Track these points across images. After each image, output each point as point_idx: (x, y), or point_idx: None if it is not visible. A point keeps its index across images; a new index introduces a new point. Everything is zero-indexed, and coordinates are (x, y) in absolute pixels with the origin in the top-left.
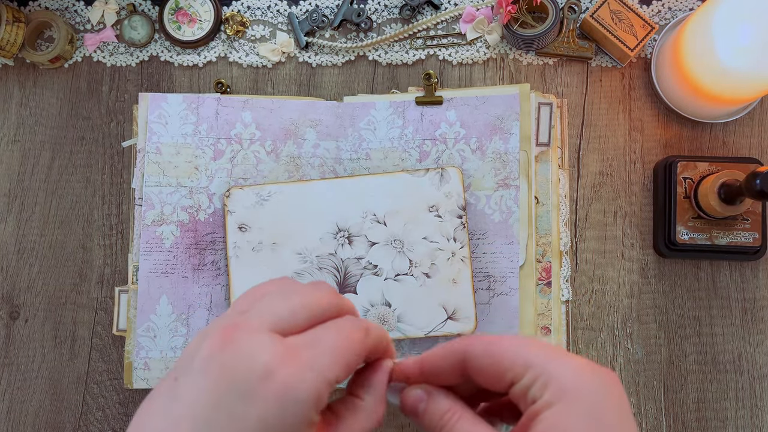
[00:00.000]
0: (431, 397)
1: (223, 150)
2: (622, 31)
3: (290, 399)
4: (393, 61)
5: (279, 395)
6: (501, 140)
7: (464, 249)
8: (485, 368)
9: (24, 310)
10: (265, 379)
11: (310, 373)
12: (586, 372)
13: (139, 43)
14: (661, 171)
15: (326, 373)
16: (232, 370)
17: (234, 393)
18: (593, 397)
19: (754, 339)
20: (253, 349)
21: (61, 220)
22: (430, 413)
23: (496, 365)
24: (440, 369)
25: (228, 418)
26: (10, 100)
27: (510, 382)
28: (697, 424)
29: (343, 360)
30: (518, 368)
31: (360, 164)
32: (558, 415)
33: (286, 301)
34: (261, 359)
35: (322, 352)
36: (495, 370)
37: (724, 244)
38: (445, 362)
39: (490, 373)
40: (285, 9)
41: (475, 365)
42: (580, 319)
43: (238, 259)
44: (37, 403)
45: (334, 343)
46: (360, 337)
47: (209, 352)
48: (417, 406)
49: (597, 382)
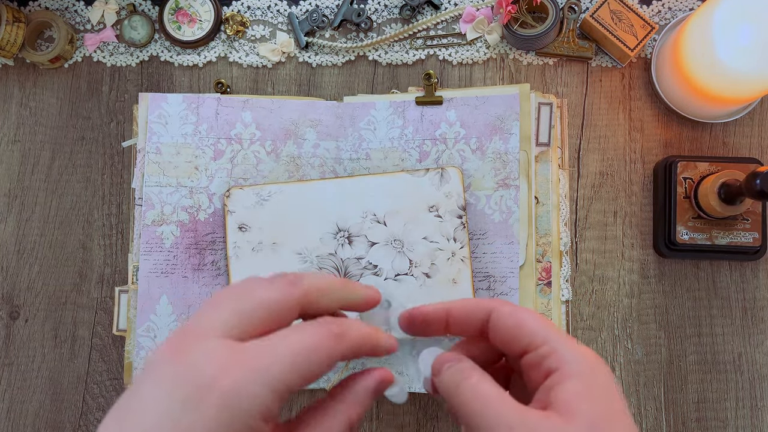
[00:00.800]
0: (459, 361)
1: (223, 150)
2: (622, 31)
3: (233, 409)
4: (393, 61)
5: (221, 405)
6: (501, 140)
7: (464, 249)
8: (508, 329)
9: (24, 310)
10: (208, 388)
11: (253, 383)
12: (595, 357)
13: (139, 43)
14: (661, 171)
15: (274, 382)
16: (179, 380)
17: (180, 404)
18: (604, 378)
19: (754, 339)
20: (199, 357)
21: (61, 220)
22: (450, 370)
23: (518, 329)
24: (466, 319)
25: (173, 427)
26: (10, 100)
27: (525, 349)
28: (697, 424)
29: (299, 368)
30: (537, 338)
31: (360, 164)
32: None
33: (241, 302)
34: (206, 368)
35: (275, 360)
36: (516, 333)
37: (724, 244)
38: (472, 313)
39: (510, 334)
40: (285, 9)
41: (500, 324)
42: (580, 319)
43: (238, 259)
44: (37, 403)
45: (292, 349)
46: (327, 345)
47: (159, 362)
48: (442, 366)
49: (604, 367)
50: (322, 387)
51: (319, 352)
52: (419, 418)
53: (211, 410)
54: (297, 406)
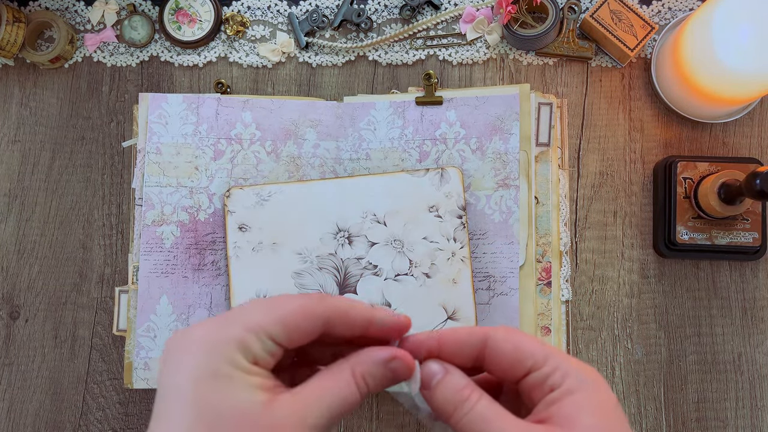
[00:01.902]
0: (448, 371)
1: (223, 150)
2: (622, 31)
3: (206, 348)
4: (393, 61)
5: (202, 347)
6: (501, 140)
7: (464, 249)
8: (507, 353)
9: (24, 310)
10: (187, 337)
11: (229, 325)
12: (596, 374)
13: (139, 43)
14: (661, 171)
15: (249, 323)
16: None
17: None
18: (606, 394)
19: (754, 339)
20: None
21: (61, 220)
22: (444, 386)
23: (518, 352)
24: (459, 348)
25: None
26: (10, 100)
27: (529, 370)
28: (697, 424)
29: (275, 314)
30: (539, 358)
31: (360, 164)
32: (582, 401)
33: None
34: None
35: (252, 311)
36: (516, 357)
37: (724, 244)
38: (466, 342)
39: (510, 359)
40: (285, 9)
41: (497, 350)
42: (580, 319)
43: (238, 259)
44: (37, 403)
45: (269, 301)
46: (306, 301)
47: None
48: (431, 379)
49: (605, 384)
50: None
51: (301, 309)
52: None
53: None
54: None
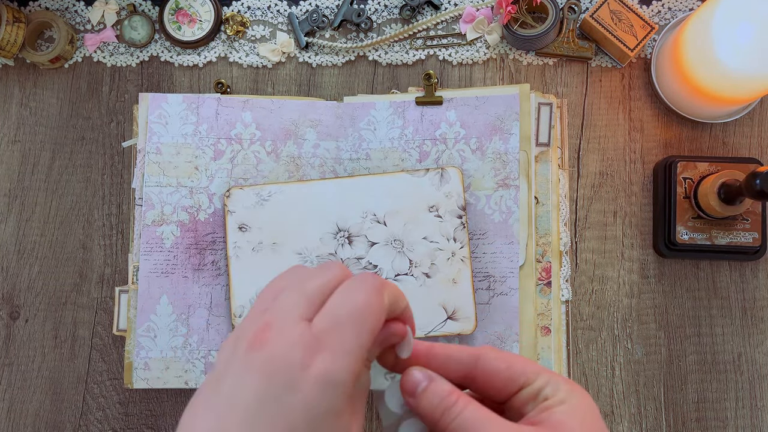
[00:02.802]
0: (432, 379)
1: (223, 150)
2: (622, 32)
3: (330, 384)
4: (393, 61)
5: (320, 382)
6: (501, 140)
7: (464, 249)
8: (501, 371)
9: (24, 310)
10: (304, 370)
11: (343, 356)
12: (581, 388)
13: (139, 43)
14: (661, 171)
15: (354, 349)
16: (272, 365)
17: (278, 385)
18: (592, 406)
19: (754, 339)
20: (287, 344)
21: (62, 220)
22: (430, 392)
23: (511, 370)
24: (449, 360)
25: (277, 407)
26: (10, 100)
27: (521, 385)
28: (697, 424)
29: (365, 328)
30: (530, 374)
31: (360, 164)
32: (571, 409)
33: (303, 289)
34: (296, 353)
35: (348, 331)
36: (509, 374)
37: (723, 244)
38: (456, 356)
39: (503, 377)
40: (285, 9)
41: (489, 367)
42: (580, 319)
43: (238, 259)
44: (37, 403)
45: (354, 318)
46: (377, 302)
47: (247, 352)
48: (416, 386)
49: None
50: None
51: (373, 307)
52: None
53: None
54: None
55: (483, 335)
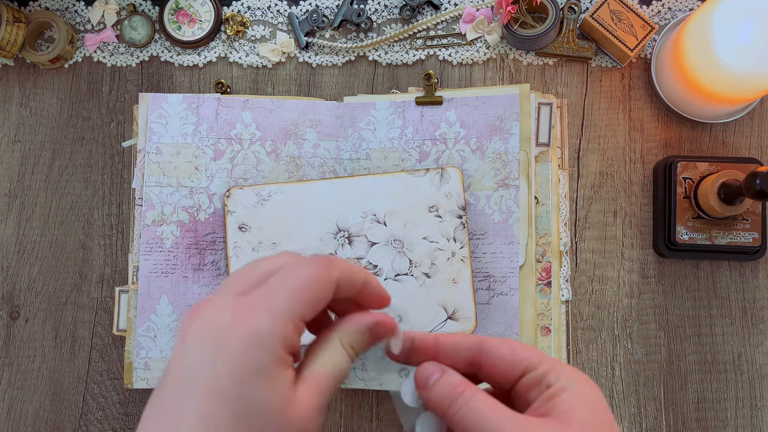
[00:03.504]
0: (444, 371)
1: (223, 150)
2: (622, 32)
3: (253, 344)
4: (393, 61)
5: (246, 345)
6: (501, 140)
7: (464, 249)
8: (505, 356)
9: (24, 310)
10: (231, 330)
11: (267, 316)
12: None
13: (140, 43)
14: (661, 171)
15: (285, 312)
16: (202, 331)
17: (206, 350)
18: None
19: (754, 339)
20: (216, 309)
21: (62, 220)
22: (440, 384)
23: (515, 354)
24: (455, 350)
25: (206, 370)
26: (10, 100)
27: (524, 371)
28: (697, 424)
29: (301, 295)
30: (533, 359)
31: (360, 164)
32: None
33: (249, 271)
34: (224, 316)
35: (278, 294)
36: (513, 359)
37: (723, 244)
38: (463, 344)
39: (507, 361)
40: (285, 9)
41: (495, 353)
42: (580, 319)
43: (238, 259)
44: (37, 403)
45: (289, 283)
46: (321, 273)
47: (184, 326)
48: (428, 378)
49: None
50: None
51: (316, 281)
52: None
53: (237, 351)
54: None
55: (483, 335)
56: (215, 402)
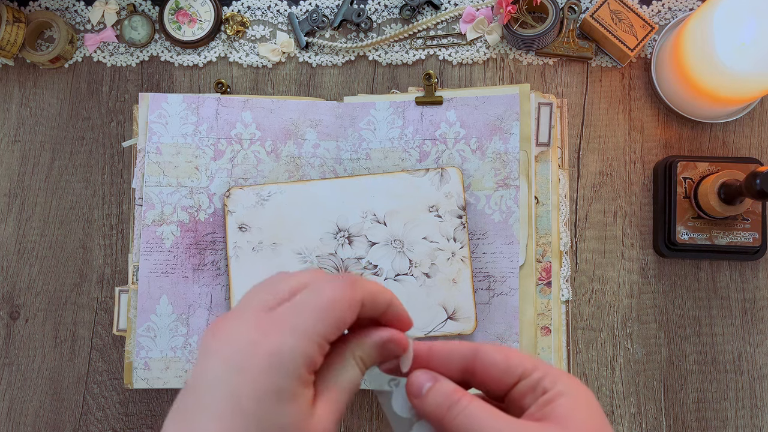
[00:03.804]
0: (437, 380)
1: (223, 150)
2: (622, 31)
3: (278, 361)
4: (393, 61)
5: (267, 359)
6: (501, 140)
7: (464, 249)
8: (499, 363)
9: (24, 310)
10: (253, 351)
11: (291, 336)
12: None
13: (140, 43)
14: (661, 171)
15: (309, 332)
16: (226, 347)
17: (230, 366)
18: (590, 397)
19: (754, 339)
20: (240, 325)
21: (61, 220)
22: (434, 392)
23: (509, 360)
24: (449, 358)
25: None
26: (10, 100)
27: (519, 377)
28: (697, 424)
29: (326, 315)
30: (528, 366)
31: (360, 164)
32: (573, 401)
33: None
34: (248, 333)
35: (303, 313)
36: (507, 366)
37: (724, 244)
38: (456, 352)
39: (501, 368)
40: (285, 9)
41: (488, 360)
42: (580, 319)
43: (238, 259)
44: (37, 403)
45: (315, 302)
46: (345, 293)
47: (205, 341)
48: (421, 387)
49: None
50: None
51: (342, 301)
52: None
53: (260, 369)
54: None
55: (483, 335)
56: (235, 420)
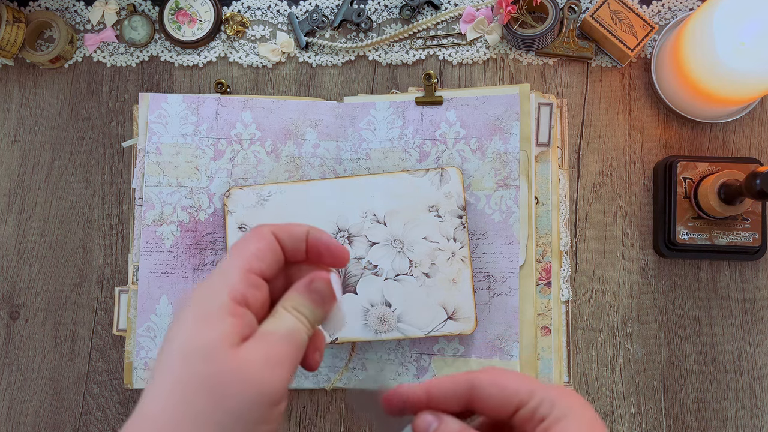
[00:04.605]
0: (442, 420)
1: (223, 150)
2: (622, 31)
3: (202, 295)
4: (393, 61)
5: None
6: (501, 140)
7: (464, 249)
8: (494, 396)
9: (24, 310)
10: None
11: (217, 274)
12: (578, 397)
13: (139, 43)
14: (661, 171)
15: (230, 267)
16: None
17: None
18: (590, 413)
19: (754, 339)
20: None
21: (61, 220)
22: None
23: (504, 392)
24: (447, 396)
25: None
26: (10, 100)
27: (517, 406)
28: (697, 424)
29: (241, 251)
30: (524, 395)
31: (360, 164)
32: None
33: None
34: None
35: (228, 257)
36: (502, 396)
37: (724, 244)
38: (452, 390)
39: (497, 401)
40: (285, 9)
41: (484, 393)
42: (580, 319)
43: None
44: (37, 403)
45: (235, 247)
46: (253, 230)
47: None
48: (427, 428)
49: (588, 404)
50: (322, 387)
51: (254, 235)
52: None
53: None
54: (296, 405)
55: (483, 335)
56: (165, 346)
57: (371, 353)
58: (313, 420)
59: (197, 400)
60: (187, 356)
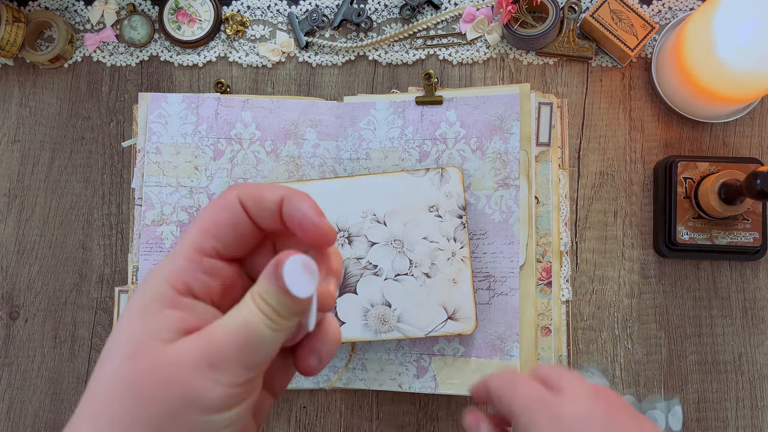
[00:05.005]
0: None
1: (223, 150)
2: (623, 31)
3: (143, 286)
4: (393, 61)
5: (140, 287)
6: (501, 140)
7: (464, 249)
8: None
9: (24, 310)
10: None
11: (166, 259)
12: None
13: (139, 43)
14: (661, 171)
15: (177, 250)
16: None
17: None
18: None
19: (754, 339)
20: None
21: (61, 220)
22: None
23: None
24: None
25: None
26: (10, 100)
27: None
28: (697, 424)
29: (196, 227)
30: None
31: (360, 164)
32: None
33: None
34: None
35: (178, 243)
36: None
37: (724, 244)
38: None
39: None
40: (285, 9)
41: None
42: (580, 319)
43: None
44: (37, 403)
45: (190, 227)
46: (213, 200)
47: None
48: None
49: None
50: (321, 387)
51: (213, 206)
52: (419, 418)
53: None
54: (296, 405)
55: (483, 335)
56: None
57: (371, 353)
58: (312, 420)
59: (115, 404)
60: (112, 355)
